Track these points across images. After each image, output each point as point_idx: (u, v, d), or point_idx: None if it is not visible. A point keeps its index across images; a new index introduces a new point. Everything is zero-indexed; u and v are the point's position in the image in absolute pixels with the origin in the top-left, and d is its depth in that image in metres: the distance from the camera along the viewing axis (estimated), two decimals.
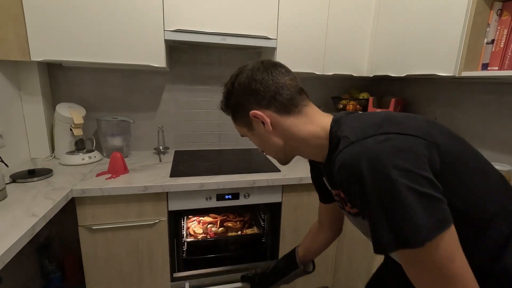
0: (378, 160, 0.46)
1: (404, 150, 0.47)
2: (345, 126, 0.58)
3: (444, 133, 0.54)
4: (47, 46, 1.24)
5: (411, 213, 0.43)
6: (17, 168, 1.28)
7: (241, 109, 0.64)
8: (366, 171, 0.46)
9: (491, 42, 1.08)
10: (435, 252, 0.44)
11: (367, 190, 0.47)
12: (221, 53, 1.76)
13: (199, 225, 1.62)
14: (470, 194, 0.51)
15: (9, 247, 0.74)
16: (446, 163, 0.49)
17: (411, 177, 0.45)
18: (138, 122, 1.71)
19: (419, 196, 0.44)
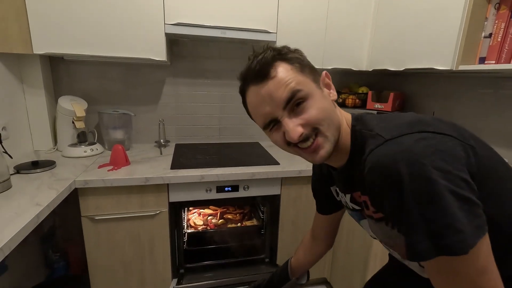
0: (417, 160, 0.43)
1: (443, 150, 0.44)
2: (372, 124, 0.53)
3: (473, 136, 0.51)
4: (49, 39, 1.26)
5: (454, 218, 0.40)
6: (20, 159, 1.30)
7: (310, 65, 0.57)
8: (405, 172, 0.43)
9: (488, 36, 1.08)
10: (472, 260, 0.41)
11: (406, 192, 0.42)
12: (221, 47, 1.77)
13: (199, 217, 1.65)
14: (500, 200, 0.48)
15: (15, 234, 0.77)
16: (481, 166, 0.46)
17: (452, 179, 0.42)
18: (139, 116, 1.73)
19: (460, 200, 0.41)
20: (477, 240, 0.41)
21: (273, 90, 0.52)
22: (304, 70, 0.54)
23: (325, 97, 0.55)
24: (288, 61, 0.54)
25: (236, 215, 1.68)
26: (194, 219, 1.62)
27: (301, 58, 0.56)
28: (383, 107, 1.64)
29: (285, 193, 1.45)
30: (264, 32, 1.47)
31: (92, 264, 1.29)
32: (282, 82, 0.52)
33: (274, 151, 1.71)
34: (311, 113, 0.52)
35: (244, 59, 0.61)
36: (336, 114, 0.56)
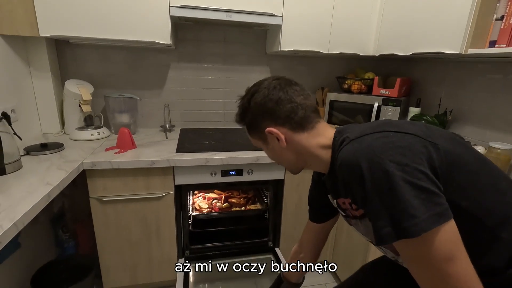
0: (375, 154, 0.49)
1: (401, 146, 0.49)
2: (346, 131, 0.60)
3: (444, 136, 0.55)
4: (55, 21, 1.26)
5: (409, 204, 0.45)
6: (29, 142, 1.33)
7: (257, 125, 0.67)
8: (364, 166, 0.49)
9: (500, 19, 1.06)
10: (433, 245, 0.45)
11: (367, 184, 0.48)
12: (226, 30, 1.75)
13: (204, 200, 1.68)
14: (475, 194, 0.51)
15: (28, 210, 0.79)
16: (446, 162, 0.50)
17: (408, 171, 0.46)
18: (145, 100, 1.74)
19: (416, 189, 0.45)
20: (433, 225, 0.44)
21: None
22: (251, 134, 0.71)
23: (271, 148, 0.69)
24: (245, 126, 0.71)
25: (241, 199, 1.71)
26: (199, 203, 1.65)
27: (251, 121, 0.68)
28: (389, 93, 1.63)
29: (288, 178, 1.47)
30: (270, 16, 1.44)
31: (100, 243, 1.33)
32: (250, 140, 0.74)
33: None
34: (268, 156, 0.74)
35: (250, 44, 0.65)
36: (285, 154, 0.68)
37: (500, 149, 1.14)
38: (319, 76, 1.97)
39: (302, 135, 0.65)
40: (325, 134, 0.65)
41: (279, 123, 0.64)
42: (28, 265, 1.32)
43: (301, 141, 0.65)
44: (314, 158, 0.66)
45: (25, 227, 0.80)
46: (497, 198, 0.52)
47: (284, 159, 0.70)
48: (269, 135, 0.66)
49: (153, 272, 1.44)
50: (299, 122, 0.64)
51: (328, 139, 0.64)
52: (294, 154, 0.67)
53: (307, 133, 0.65)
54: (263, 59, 1.85)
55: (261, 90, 0.65)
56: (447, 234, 0.45)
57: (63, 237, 1.56)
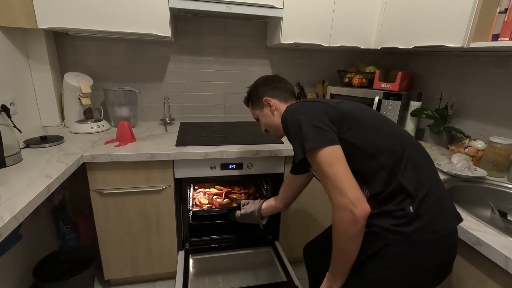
0: (294, 111, 0.83)
1: (311, 107, 0.83)
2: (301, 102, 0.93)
3: (351, 105, 0.85)
4: (53, 13, 1.24)
5: (307, 134, 0.76)
6: (29, 135, 1.33)
7: (258, 97, 1.06)
8: (288, 118, 0.83)
9: (504, 12, 1.04)
10: (320, 156, 0.74)
11: (289, 128, 0.82)
12: (227, 23, 1.73)
13: (204, 196, 1.68)
14: (360, 132, 0.78)
15: (28, 203, 0.80)
16: (339, 115, 0.80)
17: (311, 117, 0.79)
18: (144, 93, 1.74)
19: (314, 127, 0.77)
20: (321, 145, 0.74)
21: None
22: (254, 105, 1.10)
23: (264, 115, 1.06)
24: (250, 100, 1.11)
25: (241, 195, 1.71)
26: (199, 198, 1.65)
27: (253, 95, 1.09)
28: (390, 87, 1.62)
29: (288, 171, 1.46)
30: (271, 8, 1.43)
31: (101, 235, 1.34)
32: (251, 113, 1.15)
33: None
34: (261, 126, 1.13)
35: (250, 37, 0.80)
36: (273, 119, 1.04)
37: (500, 144, 1.14)
38: (319, 70, 1.95)
39: (284, 106, 1.02)
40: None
41: (272, 96, 1.03)
42: (30, 256, 1.34)
43: (283, 110, 0.98)
44: None
45: (26, 219, 0.81)
46: (376, 136, 0.78)
47: (272, 122, 1.04)
48: (265, 103, 1.04)
49: (153, 264, 1.45)
50: (284, 97, 1.04)
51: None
52: (279, 118, 0.98)
53: (287, 105, 1.00)
54: (264, 52, 1.83)
55: (264, 77, 1.10)
56: (331, 151, 0.74)
57: (64, 229, 1.58)
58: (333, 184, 0.71)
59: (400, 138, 0.79)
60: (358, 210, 0.68)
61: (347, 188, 0.69)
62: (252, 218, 1.26)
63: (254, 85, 1.09)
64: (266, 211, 1.24)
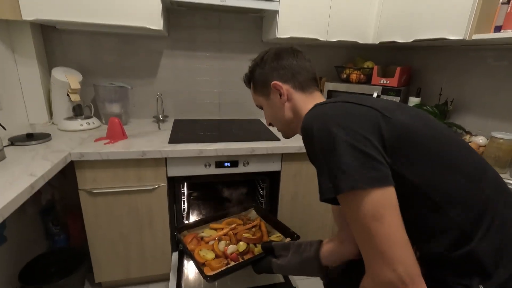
0: (326, 118, 0.54)
1: (352, 114, 0.54)
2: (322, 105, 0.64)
3: (408, 113, 0.56)
4: (38, 4, 1.19)
5: (346, 164, 0.48)
6: (15, 132, 1.27)
7: (264, 80, 0.75)
8: (315, 128, 0.54)
9: (506, 2, 1.01)
10: (363, 204, 0.47)
11: (314, 144, 0.54)
12: (221, 17, 1.68)
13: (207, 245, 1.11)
14: (428, 171, 0.51)
15: (7, 202, 0.75)
16: (396, 134, 0.51)
17: (352, 135, 0.50)
18: (136, 89, 1.68)
19: (357, 152, 0.49)
20: (364, 185, 0.47)
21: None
22: (257, 89, 0.79)
23: (272, 103, 0.76)
24: (253, 81, 0.80)
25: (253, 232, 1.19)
26: (202, 254, 1.05)
27: (257, 75, 0.78)
28: (389, 83, 1.58)
29: (285, 169, 1.43)
30: (266, 0, 1.38)
31: (91, 236, 1.29)
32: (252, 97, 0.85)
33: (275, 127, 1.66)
34: (266, 117, 0.84)
35: (245, 31, 0.73)
36: (283, 111, 0.75)
37: (502, 139, 1.11)
38: (317, 65, 1.88)
39: (300, 96, 0.73)
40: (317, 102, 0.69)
41: (284, 79, 0.73)
42: (16, 259, 1.28)
43: (299, 101, 0.73)
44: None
45: (12, 220, 0.76)
46: (450, 175, 0.52)
47: (281, 116, 0.76)
48: (274, 90, 0.74)
49: (147, 265, 1.41)
50: (301, 83, 0.73)
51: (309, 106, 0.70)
52: (291, 113, 0.74)
53: (305, 96, 0.73)
54: (259, 47, 1.79)
55: (274, 49, 0.76)
56: (380, 197, 0.47)
57: (53, 230, 1.52)
58: (376, 248, 0.46)
59: (485, 180, 0.53)
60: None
61: (398, 257, 0.45)
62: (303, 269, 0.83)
63: (260, 60, 0.76)
64: (329, 258, 0.80)
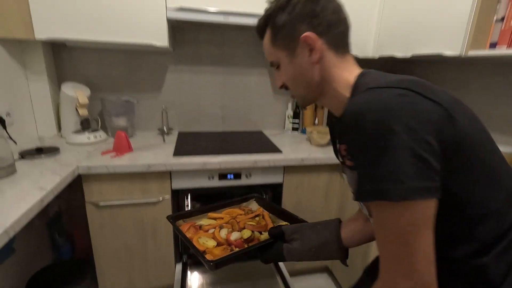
0: (387, 111, 0.44)
1: (417, 110, 0.44)
2: (371, 77, 0.56)
3: (467, 114, 0.51)
4: (50, 24, 1.24)
5: (401, 169, 0.42)
6: (25, 145, 1.32)
7: (291, 29, 0.58)
8: (370, 118, 0.44)
9: (501, 20, 1.04)
10: (406, 215, 0.43)
11: (367, 137, 0.45)
12: (225, 32, 1.74)
13: (206, 234, 0.93)
14: (472, 183, 0.47)
15: (19, 217, 0.78)
16: (455, 140, 0.45)
17: (414, 137, 0.42)
18: (142, 103, 1.73)
19: (416, 157, 0.42)
20: (417, 196, 0.42)
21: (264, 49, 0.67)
22: (277, 40, 0.61)
23: (293, 63, 0.61)
24: (271, 29, 0.62)
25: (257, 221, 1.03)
26: (203, 242, 0.89)
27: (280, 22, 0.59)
28: None
29: (287, 181, 1.45)
30: None
31: (96, 248, 1.31)
32: (264, 50, 0.66)
33: (277, 139, 1.69)
34: (280, 77, 0.65)
35: (248, 46, 0.67)
36: (310, 73, 0.60)
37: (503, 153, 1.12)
38: None
39: (333, 58, 0.59)
40: (351, 70, 0.60)
41: (318, 31, 0.57)
42: (23, 270, 1.30)
43: (330, 64, 0.59)
44: (333, 92, 0.61)
45: (20, 232, 0.78)
46: (491, 194, 0.49)
47: (304, 80, 0.61)
48: (303, 44, 0.58)
49: (150, 277, 1.42)
50: (337, 39, 0.59)
51: (353, 77, 0.59)
52: (318, 77, 0.60)
53: (338, 58, 0.59)
54: (262, 61, 1.84)
55: None
56: (425, 209, 0.44)
57: (59, 241, 1.55)
58: (403, 258, 0.45)
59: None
60: None
61: (422, 271, 0.44)
62: (320, 252, 0.74)
63: (285, 2, 0.58)
64: (353, 239, 0.75)
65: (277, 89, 0.66)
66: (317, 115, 1.92)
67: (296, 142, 1.69)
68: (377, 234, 0.49)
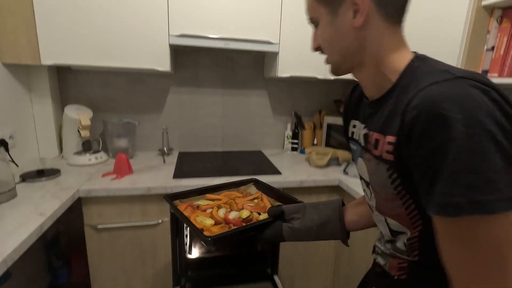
0: (481, 109, 0.38)
1: (507, 112, 0.39)
2: (439, 64, 0.48)
3: None
4: (56, 50, 1.29)
5: (499, 177, 0.36)
6: (26, 166, 1.33)
7: None
8: (462, 115, 0.37)
9: (491, 49, 1.08)
10: (505, 228, 0.38)
11: (456, 137, 0.37)
12: (225, 55, 1.79)
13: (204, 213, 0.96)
14: None
15: (17, 245, 0.78)
16: None
17: (510, 139, 0.38)
18: (143, 124, 1.75)
19: (510, 164, 0.37)
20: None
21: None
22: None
23: (333, 24, 0.53)
24: None
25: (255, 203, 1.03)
26: (200, 220, 0.93)
27: None
28: None
29: None
30: (267, 43, 1.48)
31: (94, 271, 1.30)
32: (306, 3, 0.59)
33: (276, 159, 1.71)
34: (316, 37, 0.58)
35: (248, 68, 0.63)
36: (349, 37, 0.52)
37: None
38: (316, 99, 1.99)
39: (381, 26, 0.50)
40: (402, 48, 0.52)
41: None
42: None
43: (377, 32, 0.50)
44: (374, 70, 0.53)
45: None
46: None
47: (342, 45, 0.53)
48: (348, 3, 0.50)
49: None
50: (388, 4, 0.49)
51: (403, 58, 0.51)
52: (358, 44, 0.52)
53: (387, 28, 0.50)
54: (261, 83, 1.88)
55: None
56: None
57: (56, 264, 1.52)
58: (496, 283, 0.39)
59: None
60: None
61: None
62: (321, 231, 0.72)
63: None
64: (358, 223, 0.74)
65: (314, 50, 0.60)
66: (315, 135, 1.94)
67: (295, 162, 1.70)
68: (459, 255, 0.41)
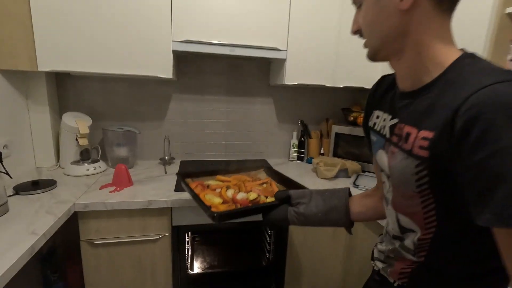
0: None
1: None
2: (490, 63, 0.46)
3: None
4: (54, 56, 1.23)
5: None
6: (22, 177, 1.27)
7: None
8: None
9: None
10: None
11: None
12: (229, 62, 1.73)
13: (213, 192, 1.02)
14: None
15: (8, 268, 0.72)
16: None
17: None
18: (145, 131, 1.69)
19: None
20: None
21: None
22: None
23: (377, 5, 0.50)
24: None
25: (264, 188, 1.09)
26: (209, 198, 0.97)
27: None
28: None
29: None
30: (274, 50, 1.42)
31: (90, 286, 1.23)
32: None
33: (281, 169, 1.63)
34: (357, 19, 0.56)
35: (252, 75, 0.60)
36: (392, 20, 0.49)
37: None
38: (323, 107, 1.93)
39: (431, 10, 0.47)
40: (449, 42, 0.49)
41: None
42: None
43: (424, 18, 0.47)
44: (416, 57, 0.50)
45: None
46: None
47: (383, 29, 0.51)
48: None
49: None
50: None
51: (450, 52, 0.48)
52: (402, 29, 0.49)
53: (437, 14, 0.47)
54: (266, 90, 1.82)
55: None
56: None
57: (52, 278, 1.45)
58: None
59: None
60: None
61: None
62: (326, 217, 0.74)
63: None
64: (365, 214, 0.75)
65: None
66: (322, 144, 1.88)
67: (301, 173, 1.63)
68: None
